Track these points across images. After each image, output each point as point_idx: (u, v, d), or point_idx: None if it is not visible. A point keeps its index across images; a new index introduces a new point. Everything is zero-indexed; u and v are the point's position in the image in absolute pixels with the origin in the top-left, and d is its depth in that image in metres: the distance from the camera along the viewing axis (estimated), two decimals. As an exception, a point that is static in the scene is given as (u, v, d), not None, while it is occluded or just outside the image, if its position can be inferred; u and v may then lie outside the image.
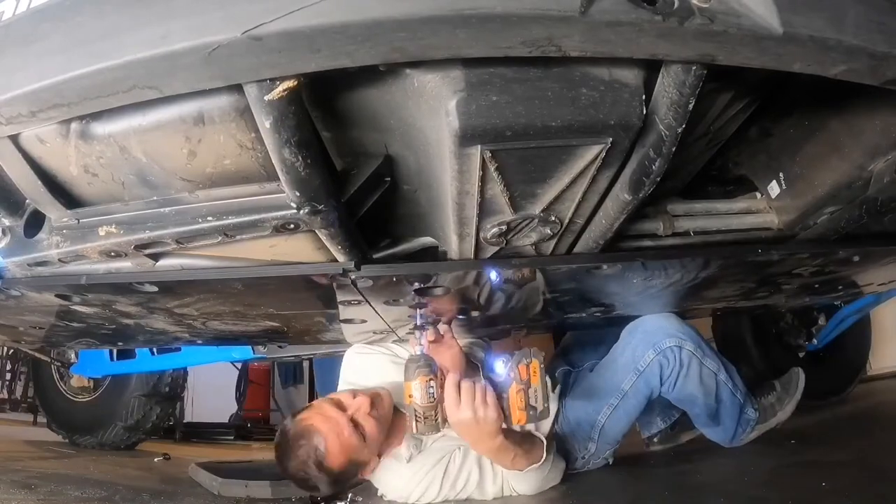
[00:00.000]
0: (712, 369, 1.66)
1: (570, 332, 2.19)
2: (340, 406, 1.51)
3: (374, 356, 1.82)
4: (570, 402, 1.78)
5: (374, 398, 1.54)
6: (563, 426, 1.76)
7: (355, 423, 1.48)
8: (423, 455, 1.61)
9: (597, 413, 1.70)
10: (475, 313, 1.54)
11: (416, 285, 1.19)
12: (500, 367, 1.41)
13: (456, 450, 1.60)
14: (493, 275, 1.17)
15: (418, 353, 1.45)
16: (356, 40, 0.59)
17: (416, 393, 1.38)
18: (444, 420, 1.40)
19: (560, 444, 1.72)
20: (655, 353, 1.62)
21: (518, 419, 1.37)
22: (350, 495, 1.78)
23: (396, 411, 1.61)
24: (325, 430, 1.47)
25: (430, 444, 1.63)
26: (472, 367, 1.72)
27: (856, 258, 1.32)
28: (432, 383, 1.38)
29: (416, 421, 1.39)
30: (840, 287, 1.68)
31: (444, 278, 1.17)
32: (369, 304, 1.30)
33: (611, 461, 1.81)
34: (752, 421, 1.76)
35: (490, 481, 1.59)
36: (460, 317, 1.58)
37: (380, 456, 1.59)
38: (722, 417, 1.73)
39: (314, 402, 1.63)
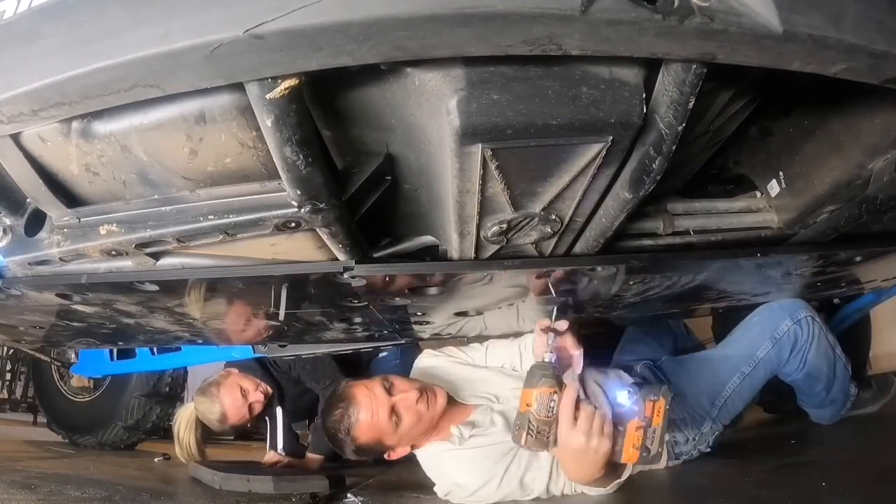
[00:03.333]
0: (832, 343, 1.74)
1: (631, 326, 2.15)
2: (389, 389, 1.56)
3: (441, 358, 1.89)
4: (680, 386, 1.74)
5: (425, 392, 1.56)
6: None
7: (395, 410, 1.53)
8: (480, 443, 1.54)
9: (723, 385, 1.71)
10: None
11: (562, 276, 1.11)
12: (624, 397, 1.29)
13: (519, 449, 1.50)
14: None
15: (547, 359, 1.29)
16: (357, 39, 0.59)
17: (536, 404, 1.24)
18: (556, 440, 1.26)
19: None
20: (793, 321, 1.68)
21: (629, 458, 1.23)
22: (350, 495, 1.78)
23: (452, 403, 1.63)
24: (363, 404, 1.54)
25: (488, 431, 1.57)
26: (594, 389, 1.59)
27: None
28: (555, 397, 1.24)
29: (527, 434, 1.25)
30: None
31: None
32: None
33: (710, 449, 1.75)
34: (852, 397, 1.83)
35: (556, 484, 1.52)
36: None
37: (413, 447, 1.62)
38: (835, 392, 1.79)
39: (375, 377, 1.67)
